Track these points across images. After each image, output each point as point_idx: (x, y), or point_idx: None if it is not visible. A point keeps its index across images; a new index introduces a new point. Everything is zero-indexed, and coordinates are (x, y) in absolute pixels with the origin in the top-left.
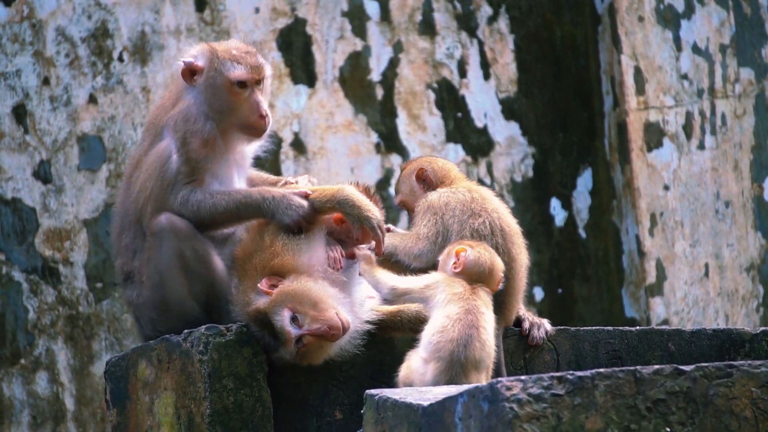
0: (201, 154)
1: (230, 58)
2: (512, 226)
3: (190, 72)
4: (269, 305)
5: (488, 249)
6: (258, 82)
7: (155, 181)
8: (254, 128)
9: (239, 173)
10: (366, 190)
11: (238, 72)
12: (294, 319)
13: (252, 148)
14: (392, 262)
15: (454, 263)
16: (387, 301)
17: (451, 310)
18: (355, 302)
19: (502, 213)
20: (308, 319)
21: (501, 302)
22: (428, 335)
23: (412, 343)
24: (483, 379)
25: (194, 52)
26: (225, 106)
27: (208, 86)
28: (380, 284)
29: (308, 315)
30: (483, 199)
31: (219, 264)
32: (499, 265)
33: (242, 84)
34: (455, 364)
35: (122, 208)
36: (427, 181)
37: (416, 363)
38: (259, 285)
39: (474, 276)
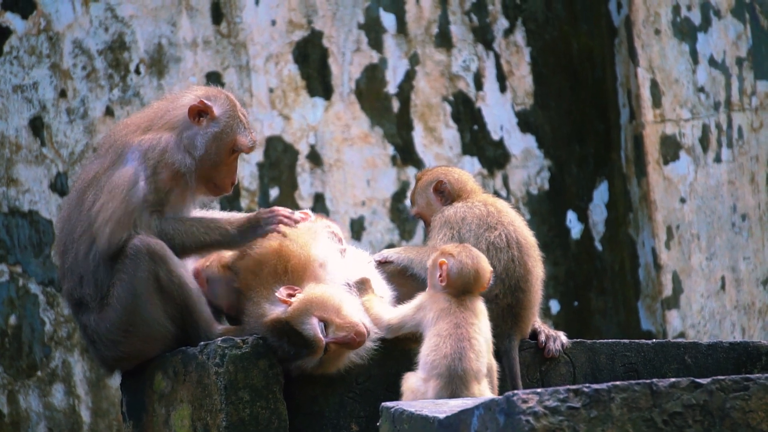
0: (168, 186)
1: (244, 124)
2: (528, 238)
3: (199, 111)
4: (292, 314)
5: (470, 253)
6: (247, 153)
7: (119, 203)
8: (220, 189)
9: (190, 212)
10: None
11: (246, 141)
12: (324, 327)
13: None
14: (408, 276)
15: (440, 276)
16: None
17: (440, 327)
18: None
19: (518, 225)
20: (333, 327)
21: (517, 315)
22: (423, 355)
23: None
24: (485, 389)
25: (210, 94)
26: (213, 160)
27: (211, 136)
28: (378, 322)
29: (334, 323)
30: (499, 212)
31: (192, 284)
32: (484, 267)
33: (238, 151)
34: (454, 378)
35: (67, 224)
36: (445, 194)
37: (416, 383)
38: (276, 294)
39: (461, 286)
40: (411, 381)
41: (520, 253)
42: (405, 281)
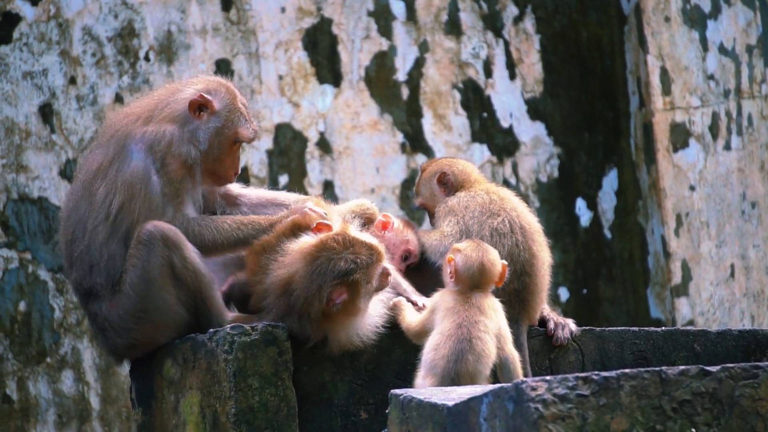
0: (180, 175)
1: (245, 115)
2: (532, 224)
3: (199, 105)
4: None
5: (477, 247)
6: (249, 144)
7: (141, 203)
8: (223, 179)
9: (198, 204)
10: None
11: (247, 132)
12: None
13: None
14: (421, 259)
15: (450, 273)
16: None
17: (444, 326)
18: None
19: (521, 211)
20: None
21: (524, 300)
22: (424, 353)
23: None
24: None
25: (210, 88)
26: (216, 153)
27: (213, 130)
28: (408, 330)
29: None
30: (501, 200)
31: (206, 271)
32: (491, 260)
33: (241, 142)
34: (446, 380)
35: (75, 214)
36: (449, 185)
37: (417, 380)
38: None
39: (469, 280)
40: (417, 378)
41: (524, 237)
42: (417, 265)
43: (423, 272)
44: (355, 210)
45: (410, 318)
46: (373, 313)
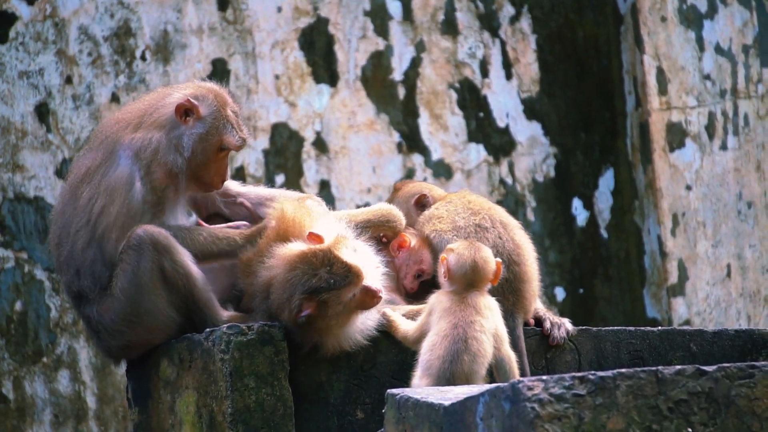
0: (164, 183)
1: (232, 122)
2: (512, 221)
3: (185, 110)
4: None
5: (470, 246)
6: (237, 151)
7: (119, 207)
8: (209, 186)
9: (183, 210)
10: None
11: (233, 140)
12: None
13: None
14: None
15: (444, 273)
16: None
17: (440, 326)
18: None
19: (499, 210)
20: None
21: (516, 289)
22: (421, 354)
23: None
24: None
25: (198, 93)
26: (201, 159)
27: (197, 136)
28: (405, 340)
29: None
30: (480, 202)
31: (197, 273)
32: (484, 257)
33: (227, 149)
34: (442, 380)
35: (61, 218)
36: (426, 208)
37: (413, 381)
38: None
39: (462, 279)
40: (413, 379)
41: (506, 230)
42: None
43: None
44: (372, 219)
45: (405, 326)
46: (366, 319)
